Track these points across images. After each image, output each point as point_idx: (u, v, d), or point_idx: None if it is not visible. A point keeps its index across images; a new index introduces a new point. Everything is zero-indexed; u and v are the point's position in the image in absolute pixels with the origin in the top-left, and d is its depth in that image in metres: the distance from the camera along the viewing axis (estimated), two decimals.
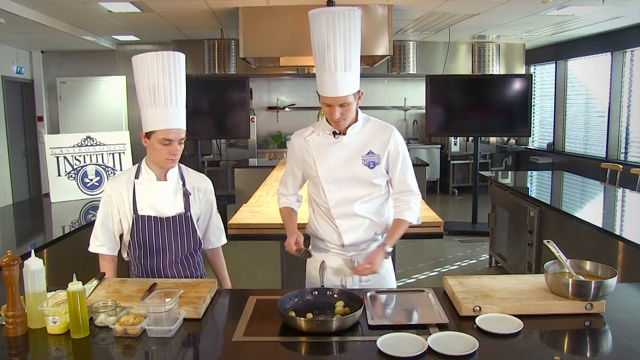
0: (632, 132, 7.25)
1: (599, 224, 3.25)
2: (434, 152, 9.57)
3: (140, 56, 1.98)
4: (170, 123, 1.97)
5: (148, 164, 2.09)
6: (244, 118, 6.62)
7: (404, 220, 2.12)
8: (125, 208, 2.07)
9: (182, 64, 2.02)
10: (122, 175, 2.14)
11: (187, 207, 2.10)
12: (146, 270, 2.11)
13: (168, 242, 2.08)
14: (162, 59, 1.95)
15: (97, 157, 4.21)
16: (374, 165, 2.09)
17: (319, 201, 2.16)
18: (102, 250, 2.12)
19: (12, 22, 5.92)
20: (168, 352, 1.51)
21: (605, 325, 1.64)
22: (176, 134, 1.99)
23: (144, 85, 1.98)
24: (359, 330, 1.64)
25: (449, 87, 7.12)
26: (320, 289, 1.89)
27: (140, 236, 2.06)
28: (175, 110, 1.98)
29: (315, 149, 2.11)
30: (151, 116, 1.97)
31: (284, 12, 5.84)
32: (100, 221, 2.11)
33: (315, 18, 1.95)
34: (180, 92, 2.01)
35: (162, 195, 2.07)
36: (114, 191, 2.09)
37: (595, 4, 5.62)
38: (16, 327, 1.58)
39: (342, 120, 2.01)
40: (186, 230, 2.10)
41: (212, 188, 2.25)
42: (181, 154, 2.05)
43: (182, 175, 2.14)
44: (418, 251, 5.96)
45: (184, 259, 2.13)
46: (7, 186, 8.02)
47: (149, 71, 1.96)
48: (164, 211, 2.07)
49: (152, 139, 1.99)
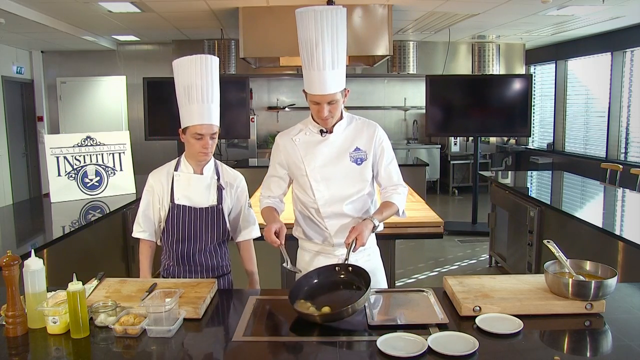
0: (632, 132, 7.25)
1: (599, 224, 3.24)
2: (434, 152, 9.57)
3: (178, 60, 2.14)
4: (202, 119, 2.10)
5: (186, 158, 2.23)
6: (244, 118, 6.62)
7: (392, 203, 2.15)
8: (164, 197, 2.22)
9: (215, 66, 2.14)
10: (163, 168, 2.28)
11: (219, 200, 2.22)
12: (177, 255, 2.23)
13: (199, 231, 2.20)
14: (197, 61, 2.10)
15: (97, 157, 4.21)
16: (362, 161, 2.12)
17: (307, 202, 2.16)
18: (143, 235, 2.27)
19: (12, 22, 5.92)
20: (168, 352, 1.51)
21: (605, 325, 1.64)
22: (207, 129, 2.11)
23: (180, 86, 2.14)
24: (359, 330, 1.64)
25: (449, 87, 7.11)
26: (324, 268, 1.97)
27: (174, 223, 2.19)
28: (207, 107, 2.11)
29: (303, 147, 2.12)
30: (186, 113, 2.12)
31: (284, 12, 5.85)
32: (143, 209, 2.26)
33: (302, 17, 1.97)
34: (213, 91, 2.13)
35: (197, 188, 2.21)
36: (155, 181, 2.24)
37: (595, 4, 5.63)
38: (16, 327, 1.58)
39: (330, 118, 2.04)
40: (217, 222, 2.22)
41: (245, 185, 2.35)
42: (214, 148, 2.18)
43: (218, 170, 2.27)
44: (418, 251, 5.96)
45: (212, 248, 2.25)
46: (7, 186, 8.02)
47: (185, 72, 2.11)
48: (198, 202, 2.20)
49: (187, 134, 2.13)
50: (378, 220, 2.07)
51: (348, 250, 1.99)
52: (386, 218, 2.14)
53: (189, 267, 2.22)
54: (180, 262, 2.23)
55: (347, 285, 1.86)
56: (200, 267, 2.23)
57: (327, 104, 2.00)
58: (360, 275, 1.87)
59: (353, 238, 1.97)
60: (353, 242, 1.97)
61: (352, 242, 1.97)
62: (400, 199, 2.18)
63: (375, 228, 2.07)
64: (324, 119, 2.04)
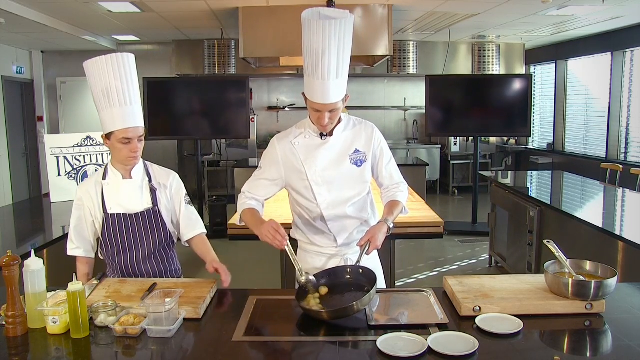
0: (632, 132, 7.25)
1: (599, 224, 3.24)
2: (434, 152, 9.57)
3: (91, 61, 2.02)
4: (126, 122, 2.01)
5: (113, 165, 2.14)
6: (244, 118, 6.62)
7: (399, 201, 2.15)
8: (96, 209, 2.13)
9: (132, 64, 2.06)
10: (90, 179, 2.20)
11: (154, 202, 2.14)
12: (120, 267, 2.15)
13: (139, 237, 2.13)
14: (112, 62, 2.00)
15: (97, 157, 4.21)
16: (361, 163, 2.11)
17: (308, 206, 2.13)
18: (78, 252, 2.16)
19: (12, 22, 5.92)
20: (168, 352, 1.51)
21: (605, 325, 1.64)
22: (134, 132, 2.03)
23: (97, 89, 2.02)
24: (359, 330, 1.64)
25: (449, 87, 7.11)
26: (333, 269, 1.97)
27: (111, 234, 2.11)
28: (131, 109, 2.02)
29: (303, 151, 2.09)
30: (108, 117, 2.02)
31: (284, 12, 5.85)
32: (74, 225, 2.16)
33: (310, 25, 1.89)
34: (134, 92, 2.05)
35: (128, 193, 2.12)
36: (84, 194, 2.14)
37: (595, 4, 5.62)
38: (16, 327, 1.58)
39: (329, 125, 2.03)
40: (156, 225, 2.14)
41: (178, 182, 2.25)
42: (142, 151, 2.10)
43: (148, 171, 2.19)
44: (418, 251, 5.96)
45: (157, 254, 2.17)
46: (7, 186, 8.02)
47: (101, 74, 2.00)
48: (132, 208, 2.12)
49: (112, 139, 2.04)
50: (392, 221, 2.06)
51: (361, 252, 1.98)
52: (396, 217, 2.13)
53: (135, 278, 2.12)
54: (126, 273, 2.14)
55: (358, 287, 1.86)
56: (148, 276, 2.13)
57: (328, 112, 1.98)
58: (367, 276, 1.87)
59: (366, 240, 1.96)
60: (366, 245, 1.96)
61: (366, 244, 1.96)
62: (404, 196, 2.19)
63: (390, 230, 2.05)
64: (324, 126, 2.02)
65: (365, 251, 1.97)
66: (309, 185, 2.09)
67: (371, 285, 1.79)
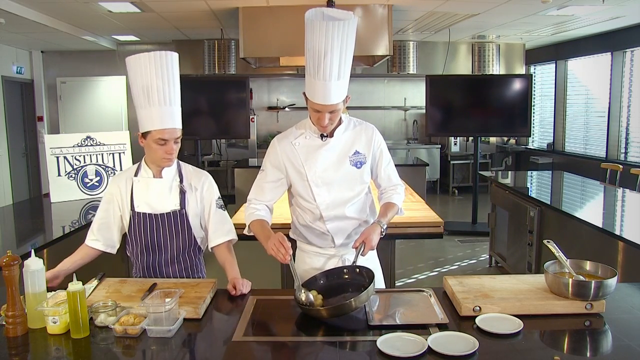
0: (632, 132, 7.25)
1: (599, 224, 3.24)
2: (434, 152, 9.57)
3: (133, 57, 1.97)
4: (165, 123, 1.97)
5: (147, 163, 2.11)
6: (244, 118, 6.63)
7: (394, 203, 2.17)
8: (124, 204, 2.10)
9: (175, 64, 2.01)
10: (123, 173, 2.18)
11: (182, 204, 2.09)
12: (145, 267, 2.13)
13: (164, 239, 2.09)
14: (155, 59, 1.95)
15: (97, 157, 4.21)
16: (361, 165, 2.12)
17: (307, 207, 2.14)
18: (96, 245, 2.13)
19: (12, 22, 5.92)
20: (168, 352, 1.51)
21: (605, 325, 1.64)
22: (171, 134, 1.99)
23: (137, 86, 1.98)
24: (359, 330, 1.64)
25: (449, 87, 7.11)
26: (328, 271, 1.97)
27: (137, 232, 2.09)
28: (170, 109, 1.98)
29: (303, 152, 2.09)
30: (146, 116, 1.98)
31: (283, 12, 5.85)
32: (99, 217, 2.14)
33: (313, 25, 1.88)
34: (175, 92, 2.01)
35: (157, 192, 2.08)
36: (115, 188, 2.12)
37: (595, 4, 5.62)
38: (16, 327, 1.58)
39: (330, 125, 2.03)
40: (181, 228, 2.09)
41: (210, 183, 2.18)
42: (178, 152, 2.07)
43: (180, 172, 2.14)
44: (418, 251, 5.96)
45: (181, 259, 2.14)
46: (7, 186, 8.02)
47: (143, 72, 1.95)
48: (158, 208, 2.08)
49: (148, 139, 2.00)
50: (385, 223, 2.08)
51: (356, 253, 1.99)
52: (391, 219, 2.15)
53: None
54: (149, 275, 2.11)
55: (357, 287, 1.86)
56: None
57: (329, 112, 1.98)
58: (364, 275, 1.89)
59: (361, 241, 1.98)
60: (362, 246, 1.98)
61: (361, 245, 1.98)
62: (400, 198, 2.21)
63: (384, 232, 2.07)
64: (324, 127, 2.02)
65: (360, 252, 1.99)
66: (308, 185, 2.10)
67: (367, 280, 1.79)
